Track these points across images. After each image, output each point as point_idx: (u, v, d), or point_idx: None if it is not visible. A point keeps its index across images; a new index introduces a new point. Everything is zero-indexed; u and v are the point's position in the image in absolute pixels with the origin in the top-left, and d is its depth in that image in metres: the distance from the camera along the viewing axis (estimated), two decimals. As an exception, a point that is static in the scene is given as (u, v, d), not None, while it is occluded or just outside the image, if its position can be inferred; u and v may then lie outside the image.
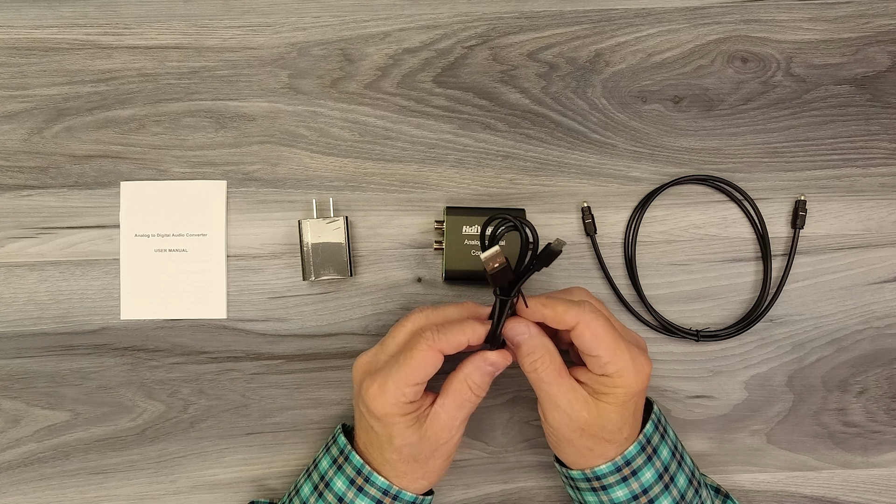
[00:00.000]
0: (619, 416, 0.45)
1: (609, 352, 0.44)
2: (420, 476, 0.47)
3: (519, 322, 0.46)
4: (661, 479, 0.47)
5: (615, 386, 0.44)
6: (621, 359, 0.44)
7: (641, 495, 0.46)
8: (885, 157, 0.58)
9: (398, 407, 0.45)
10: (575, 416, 0.45)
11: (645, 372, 0.45)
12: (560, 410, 0.45)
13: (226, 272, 0.56)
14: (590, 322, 0.44)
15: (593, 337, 0.44)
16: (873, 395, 0.56)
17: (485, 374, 0.46)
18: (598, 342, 0.44)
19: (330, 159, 0.57)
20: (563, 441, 0.47)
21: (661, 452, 0.48)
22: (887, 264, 0.57)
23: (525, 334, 0.45)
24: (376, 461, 0.47)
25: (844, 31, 0.59)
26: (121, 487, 0.55)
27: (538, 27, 0.58)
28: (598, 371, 0.45)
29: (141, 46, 0.57)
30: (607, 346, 0.44)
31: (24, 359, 0.55)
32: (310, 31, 0.58)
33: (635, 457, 0.46)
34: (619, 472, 0.46)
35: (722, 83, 0.58)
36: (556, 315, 0.45)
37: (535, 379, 0.46)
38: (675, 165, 0.57)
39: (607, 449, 0.46)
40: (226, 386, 0.56)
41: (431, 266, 0.57)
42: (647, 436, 0.47)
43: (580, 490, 0.49)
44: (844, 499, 0.56)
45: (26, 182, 0.56)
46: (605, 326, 0.44)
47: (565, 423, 0.45)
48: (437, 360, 0.45)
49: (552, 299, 0.45)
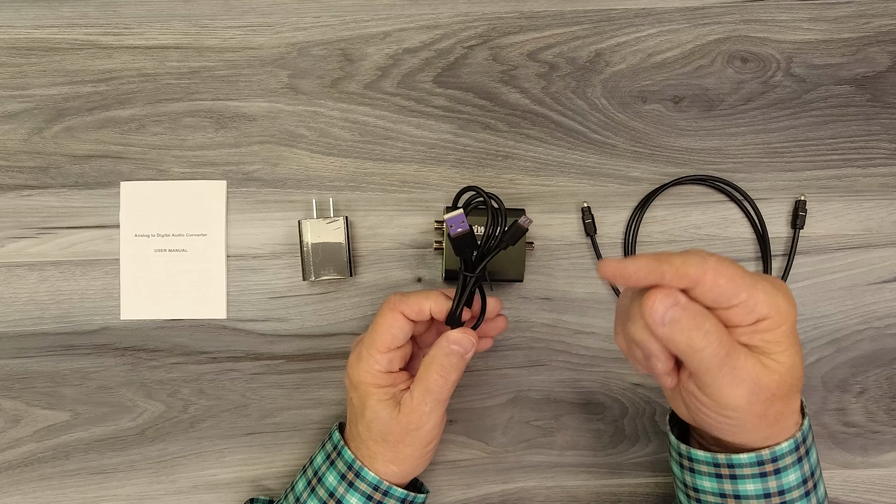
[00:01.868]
0: (800, 356, 0.39)
1: (752, 289, 0.36)
2: (390, 460, 0.47)
3: (667, 293, 0.36)
4: (819, 461, 0.43)
5: (778, 325, 0.37)
6: (766, 291, 0.37)
7: (810, 478, 0.41)
8: (885, 157, 0.58)
9: (372, 375, 0.46)
10: (766, 383, 0.38)
11: (789, 293, 0.38)
12: (747, 383, 0.37)
13: (226, 272, 0.56)
14: (718, 267, 0.36)
15: (730, 281, 0.36)
16: (873, 396, 0.56)
17: (450, 355, 0.45)
18: (736, 285, 0.36)
19: (330, 159, 0.57)
20: (751, 420, 0.39)
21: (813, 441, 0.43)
22: (887, 264, 0.57)
23: (678, 305, 0.36)
24: (351, 434, 0.48)
25: (844, 31, 0.59)
26: (121, 487, 0.55)
27: (538, 27, 0.58)
28: (749, 320, 0.37)
29: (141, 46, 0.57)
30: (748, 285, 0.36)
31: (24, 359, 0.55)
32: (310, 31, 0.58)
33: (808, 433, 0.41)
34: (797, 450, 0.40)
35: (722, 83, 0.58)
36: (676, 269, 0.36)
37: (712, 355, 0.36)
38: (675, 165, 0.57)
39: (795, 401, 0.40)
40: (226, 386, 0.56)
41: (431, 266, 0.57)
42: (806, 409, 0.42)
43: (738, 478, 0.41)
44: (844, 499, 0.56)
45: (26, 182, 0.56)
46: (734, 266, 0.37)
47: (755, 396, 0.38)
48: (402, 323, 0.46)
49: (660, 253, 0.37)
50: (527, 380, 0.56)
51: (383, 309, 0.46)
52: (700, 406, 0.39)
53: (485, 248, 0.46)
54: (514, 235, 0.46)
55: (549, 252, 0.57)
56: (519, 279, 0.54)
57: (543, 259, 0.57)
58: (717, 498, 0.42)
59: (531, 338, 0.56)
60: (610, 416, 0.56)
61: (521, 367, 0.56)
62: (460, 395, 0.56)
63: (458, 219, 0.44)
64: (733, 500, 0.42)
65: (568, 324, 0.56)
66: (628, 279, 0.36)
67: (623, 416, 0.56)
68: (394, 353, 0.46)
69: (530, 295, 0.56)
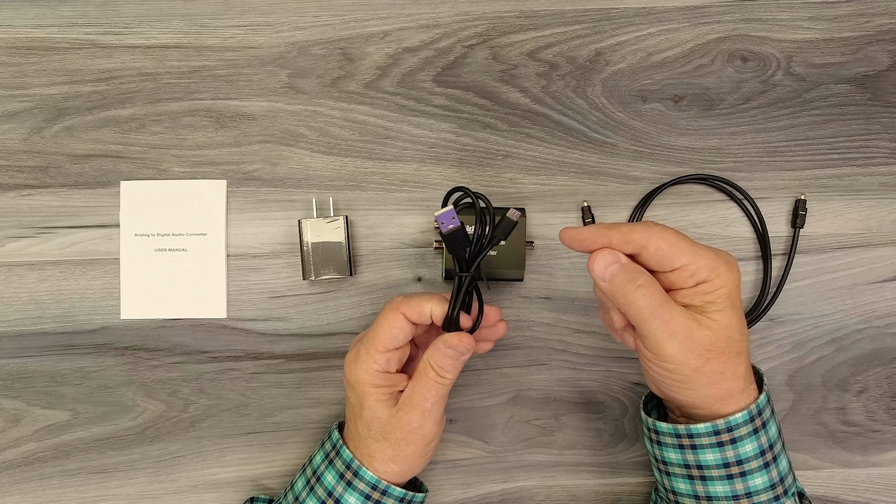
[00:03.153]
0: (738, 318, 0.42)
1: (694, 255, 0.41)
2: (390, 458, 0.47)
3: (607, 252, 0.42)
4: (780, 435, 0.44)
5: (717, 287, 0.41)
6: (708, 257, 0.41)
7: (768, 450, 0.43)
8: (885, 156, 0.58)
9: (370, 375, 0.46)
10: (697, 338, 0.41)
11: (733, 262, 0.42)
12: (679, 337, 0.41)
13: (226, 271, 0.56)
14: (661, 234, 0.41)
15: (671, 247, 0.41)
16: (873, 395, 0.56)
17: (445, 357, 0.46)
18: (678, 249, 0.41)
19: (330, 159, 0.57)
20: (688, 376, 0.42)
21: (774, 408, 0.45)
22: (887, 263, 0.57)
23: (617, 263, 0.41)
24: (350, 434, 0.48)
25: (845, 30, 0.59)
26: (121, 487, 0.55)
27: (538, 26, 0.58)
28: (690, 282, 0.41)
29: (141, 46, 0.57)
30: (690, 250, 0.41)
31: (24, 358, 0.55)
32: (310, 31, 0.58)
33: (765, 406, 0.43)
34: (752, 422, 0.42)
35: (722, 82, 0.58)
36: (623, 235, 0.41)
37: (642, 308, 0.41)
38: (675, 165, 0.57)
39: (738, 366, 0.42)
40: (226, 385, 0.56)
41: (431, 265, 0.57)
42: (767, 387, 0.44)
43: (697, 448, 0.43)
44: (844, 498, 0.56)
45: (26, 181, 0.56)
46: (677, 234, 0.41)
47: (688, 350, 0.41)
48: (402, 324, 0.46)
49: (611, 223, 0.42)
50: (527, 379, 0.56)
51: (385, 310, 0.47)
52: (647, 362, 0.43)
53: (476, 246, 0.46)
54: (504, 229, 0.46)
55: (549, 251, 0.57)
56: (519, 279, 0.54)
57: (543, 258, 0.57)
58: (682, 469, 0.45)
59: (531, 337, 0.56)
60: (610, 415, 0.56)
61: (522, 366, 0.56)
62: (460, 394, 0.56)
63: (449, 215, 0.44)
64: (696, 470, 0.44)
65: (568, 323, 0.56)
66: (583, 243, 0.42)
67: (623, 415, 0.56)
68: (392, 353, 0.46)
69: (530, 294, 0.56)
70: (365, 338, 0.47)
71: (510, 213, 0.46)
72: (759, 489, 0.43)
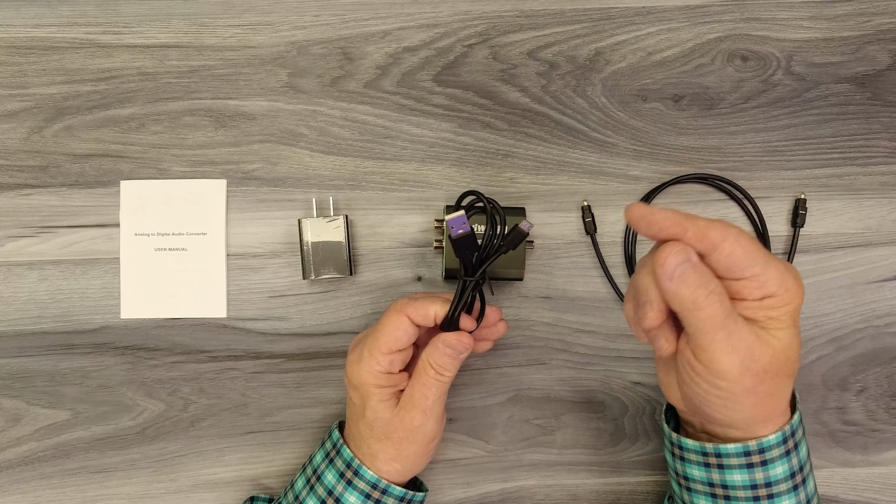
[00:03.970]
0: (797, 339, 0.39)
1: (765, 266, 0.37)
2: (392, 458, 0.47)
3: (682, 248, 0.37)
4: (809, 455, 0.43)
5: (783, 303, 0.38)
6: (778, 270, 0.38)
7: (798, 473, 0.41)
8: (885, 155, 0.58)
9: (372, 376, 0.46)
10: (759, 355, 0.38)
11: (800, 278, 0.39)
12: (739, 354, 0.38)
13: (226, 271, 0.56)
14: (738, 236, 0.37)
15: (746, 253, 0.37)
16: (873, 394, 0.56)
17: (444, 355, 0.46)
18: (752, 257, 0.37)
19: (330, 158, 0.57)
20: (741, 393, 0.39)
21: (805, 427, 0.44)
22: (887, 263, 0.57)
23: (688, 262, 0.37)
24: (352, 434, 0.48)
25: (845, 30, 0.59)
26: (121, 486, 0.55)
27: (538, 26, 0.58)
28: (757, 294, 0.38)
29: (140, 45, 0.57)
30: (762, 261, 0.37)
31: (24, 358, 0.55)
32: (309, 30, 0.58)
33: (798, 426, 0.42)
34: (784, 443, 0.41)
35: (722, 82, 0.58)
36: (699, 230, 0.37)
37: (709, 317, 0.37)
38: (675, 164, 0.57)
39: (788, 387, 0.40)
40: (226, 385, 0.56)
41: (431, 265, 0.57)
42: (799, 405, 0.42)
43: (725, 468, 0.42)
44: (844, 497, 0.56)
45: (26, 181, 0.56)
46: (752, 240, 0.38)
47: (746, 368, 0.38)
48: (407, 326, 0.46)
49: (687, 213, 0.37)
50: (527, 378, 0.56)
51: (389, 311, 0.46)
52: (693, 375, 0.40)
53: (484, 253, 0.46)
54: (514, 240, 0.46)
55: (549, 251, 0.57)
56: (519, 278, 0.54)
57: (543, 258, 0.57)
58: (706, 486, 0.43)
59: (531, 336, 0.56)
60: (610, 414, 0.56)
61: (521, 365, 0.56)
62: (460, 393, 0.56)
63: (460, 220, 0.44)
64: (721, 490, 0.42)
65: (568, 322, 0.56)
66: (652, 225, 0.37)
67: (623, 414, 0.56)
68: (395, 354, 0.46)
69: (530, 294, 0.56)
70: (368, 339, 0.47)
71: (522, 225, 0.46)
72: None
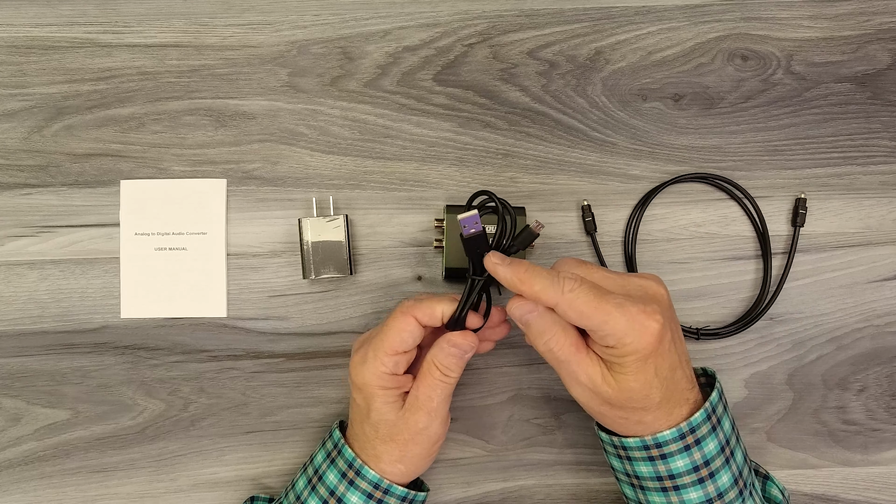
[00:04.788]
0: (640, 383, 0.42)
1: (601, 323, 0.41)
2: (397, 459, 0.47)
3: (524, 301, 0.43)
4: (723, 451, 0.44)
5: (622, 355, 0.41)
6: (616, 326, 0.41)
7: (703, 467, 0.44)
8: (885, 154, 0.58)
9: (377, 377, 0.46)
10: (599, 391, 0.43)
11: (650, 330, 0.41)
12: (582, 386, 0.44)
13: (226, 270, 0.56)
14: (571, 301, 0.41)
15: (579, 315, 0.41)
16: (873, 393, 0.56)
17: (450, 356, 0.46)
18: (584, 318, 0.41)
19: (330, 157, 0.57)
20: (595, 414, 0.45)
21: (724, 424, 0.45)
22: (887, 262, 0.57)
23: (533, 313, 0.43)
24: (355, 434, 0.48)
25: (845, 29, 0.59)
26: (121, 486, 0.55)
27: (538, 25, 0.58)
28: (601, 343, 0.42)
29: (141, 45, 0.57)
30: (597, 319, 0.41)
31: (24, 357, 0.55)
32: (310, 30, 0.58)
33: (700, 425, 0.44)
34: (682, 439, 0.43)
35: (722, 81, 0.58)
36: (534, 295, 0.42)
37: (552, 359, 0.44)
38: (675, 163, 0.57)
39: (643, 416, 0.43)
40: (226, 384, 0.56)
41: (431, 264, 0.57)
42: (712, 404, 0.44)
43: (633, 460, 0.45)
44: (844, 497, 0.56)
45: (26, 181, 0.56)
46: (587, 299, 0.41)
47: (591, 398, 0.44)
48: (413, 328, 0.46)
49: (531, 272, 0.42)
50: (527, 378, 0.56)
51: (395, 313, 0.46)
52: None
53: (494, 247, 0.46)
54: (524, 240, 0.46)
55: (549, 250, 0.57)
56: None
57: (544, 257, 0.57)
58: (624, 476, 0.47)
59: (531, 336, 0.56)
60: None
61: (522, 365, 0.56)
62: (461, 393, 0.56)
63: (473, 219, 0.44)
64: (636, 480, 0.46)
65: (568, 322, 0.56)
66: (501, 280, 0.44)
67: (623, 414, 0.56)
68: (400, 356, 0.46)
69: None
70: (373, 340, 0.47)
71: (533, 226, 0.46)
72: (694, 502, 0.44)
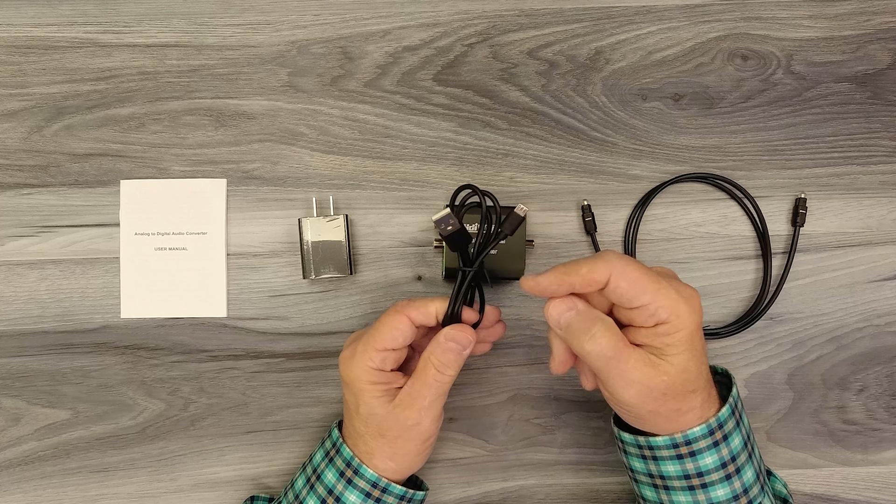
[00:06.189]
0: (695, 360, 0.41)
1: (655, 294, 0.40)
2: (388, 456, 0.47)
3: (560, 301, 0.41)
4: (746, 446, 0.44)
5: (676, 329, 0.40)
6: (669, 297, 0.40)
7: (730, 462, 0.43)
8: (885, 154, 0.58)
9: (365, 372, 0.46)
10: (655, 384, 0.41)
11: (695, 302, 0.41)
12: (636, 384, 0.41)
13: (226, 270, 0.56)
14: (623, 269, 0.40)
15: (631, 285, 0.40)
16: (873, 393, 0.56)
17: (447, 351, 0.45)
18: (639, 288, 0.40)
19: (330, 157, 0.57)
20: (646, 414, 0.42)
21: (744, 419, 0.45)
22: (887, 262, 0.57)
23: (571, 310, 0.41)
24: (349, 431, 0.48)
25: (845, 29, 0.59)
26: (121, 486, 0.55)
27: (538, 25, 0.58)
28: (650, 322, 0.40)
29: (140, 44, 0.57)
30: (651, 290, 0.40)
31: (24, 357, 0.55)
32: (310, 29, 0.58)
33: (727, 420, 0.43)
34: (711, 435, 0.42)
35: (722, 81, 0.58)
36: (583, 277, 0.40)
37: (599, 357, 0.41)
38: (675, 163, 0.57)
39: (694, 400, 0.42)
40: (226, 384, 0.56)
41: (431, 264, 0.57)
42: (735, 399, 0.44)
43: (659, 459, 0.44)
44: (844, 496, 0.56)
45: (26, 180, 0.56)
46: (639, 269, 0.40)
47: (645, 395, 0.41)
48: (405, 326, 0.46)
49: (571, 263, 0.41)
50: (527, 378, 0.56)
51: (389, 311, 0.46)
52: (608, 401, 0.44)
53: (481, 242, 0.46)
54: (511, 224, 0.46)
55: (549, 250, 0.57)
56: (519, 277, 0.54)
57: (544, 257, 0.57)
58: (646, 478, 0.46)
59: (531, 336, 0.56)
60: (610, 413, 0.56)
61: (522, 364, 0.56)
62: (460, 393, 0.56)
63: (446, 219, 0.44)
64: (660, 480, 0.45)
65: (568, 322, 0.56)
66: (545, 291, 0.42)
67: (623, 413, 0.56)
68: (388, 352, 0.46)
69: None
70: (364, 335, 0.47)
71: (518, 209, 0.46)
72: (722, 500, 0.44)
